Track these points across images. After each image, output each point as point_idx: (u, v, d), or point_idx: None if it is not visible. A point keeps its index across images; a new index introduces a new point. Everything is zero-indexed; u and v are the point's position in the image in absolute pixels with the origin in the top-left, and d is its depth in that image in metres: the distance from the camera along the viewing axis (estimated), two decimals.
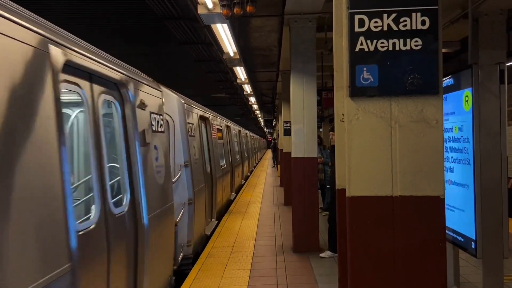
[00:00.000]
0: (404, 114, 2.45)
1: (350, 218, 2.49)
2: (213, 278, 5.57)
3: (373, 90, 2.45)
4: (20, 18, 2.23)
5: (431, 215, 2.45)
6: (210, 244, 7.36)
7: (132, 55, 13.01)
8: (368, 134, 2.48)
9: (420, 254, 2.44)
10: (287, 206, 10.85)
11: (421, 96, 2.43)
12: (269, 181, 18.61)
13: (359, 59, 2.44)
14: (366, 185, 2.48)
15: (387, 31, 2.42)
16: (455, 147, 4.04)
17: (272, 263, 6.20)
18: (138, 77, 4.10)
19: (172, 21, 7.89)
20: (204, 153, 7.94)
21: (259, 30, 7.83)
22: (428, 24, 2.39)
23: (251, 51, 9.37)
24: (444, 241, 2.47)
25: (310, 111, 6.91)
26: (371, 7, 2.42)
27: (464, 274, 5.10)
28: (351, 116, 2.48)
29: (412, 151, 2.45)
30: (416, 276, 2.43)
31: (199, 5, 5.47)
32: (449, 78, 4.10)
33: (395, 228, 2.45)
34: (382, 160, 2.46)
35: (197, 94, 19.86)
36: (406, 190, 2.45)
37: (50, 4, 9.39)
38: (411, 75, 2.42)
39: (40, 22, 2.51)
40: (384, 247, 2.46)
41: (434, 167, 2.44)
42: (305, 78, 6.89)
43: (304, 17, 6.70)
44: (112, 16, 10.48)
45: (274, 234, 8.08)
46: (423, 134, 2.44)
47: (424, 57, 2.40)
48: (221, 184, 9.94)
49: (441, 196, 2.44)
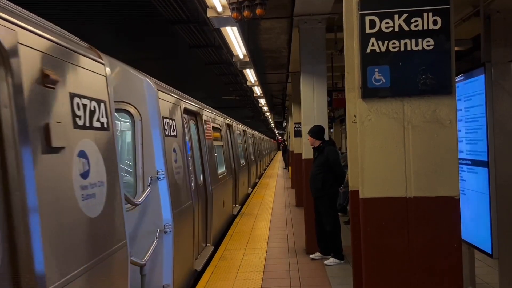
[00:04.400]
0: (417, 114, 2.44)
1: (363, 220, 2.48)
2: (226, 280, 5.58)
3: (385, 91, 2.44)
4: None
5: (446, 216, 2.43)
6: (223, 247, 7.37)
7: (142, 59, 13.13)
8: (380, 135, 2.46)
9: (436, 255, 2.42)
10: (299, 208, 10.83)
11: (434, 96, 2.42)
12: (280, 183, 18.58)
13: (371, 60, 2.43)
14: (379, 187, 2.46)
15: (398, 31, 2.41)
16: None
17: (285, 265, 6.19)
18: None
19: (182, 25, 7.94)
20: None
21: (268, 32, 7.85)
22: (440, 23, 2.37)
23: (260, 53, 9.39)
24: (459, 241, 2.45)
25: (321, 112, 6.90)
26: (382, 8, 2.42)
27: (480, 274, 5.03)
28: (363, 118, 2.47)
29: (426, 152, 2.44)
30: (432, 277, 2.41)
31: (209, 8, 5.50)
32: (461, 76, 4.06)
33: (410, 229, 2.43)
34: (395, 161, 2.45)
35: (208, 97, 19.94)
36: (420, 191, 2.43)
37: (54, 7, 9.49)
38: (423, 75, 2.40)
39: None
40: (399, 248, 2.44)
41: (449, 167, 2.42)
42: (315, 79, 6.88)
43: (313, 18, 6.69)
44: (120, 20, 10.58)
45: (287, 236, 8.07)
46: (437, 134, 2.43)
47: (437, 57, 2.39)
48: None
49: (456, 197, 2.42)
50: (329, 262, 6.13)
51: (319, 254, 6.42)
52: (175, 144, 4.89)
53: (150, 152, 4.30)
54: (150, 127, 4.34)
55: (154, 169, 4.29)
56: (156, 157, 4.33)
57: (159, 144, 4.36)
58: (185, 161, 5.31)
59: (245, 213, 10.75)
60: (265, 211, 11.05)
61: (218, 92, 19.73)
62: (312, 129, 6.34)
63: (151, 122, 4.35)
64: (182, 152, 5.18)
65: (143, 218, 4.22)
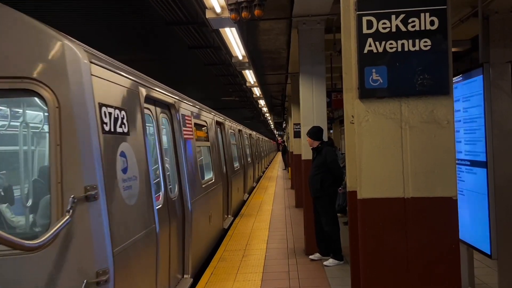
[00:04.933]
0: (415, 115, 2.44)
1: (361, 221, 2.48)
2: (225, 281, 5.58)
3: (382, 92, 2.44)
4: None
5: (444, 216, 2.43)
6: (222, 248, 7.36)
7: (141, 60, 13.13)
8: (378, 135, 2.46)
9: (434, 255, 2.41)
10: (298, 208, 10.82)
11: (431, 97, 2.42)
12: (280, 183, 18.58)
13: (368, 61, 2.43)
14: (377, 187, 2.46)
15: (395, 32, 2.41)
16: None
17: (284, 266, 6.19)
18: None
19: (181, 26, 7.94)
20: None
21: (267, 33, 7.85)
22: (437, 24, 2.38)
23: (260, 54, 9.39)
24: (457, 242, 2.45)
25: (320, 112, 6.90)
26: (379, 9, 2.42)
27: (479, 275, 5.03)
28: (361, 118, 2.47)
29: (424, 152, 2.44)
30: (430, 278, 2.41)
31: (208, 9, 5.50)
32: (459, 77, 4.06)
33: (408, 229, 2.43)
34: (393, 162, 2.45)
35: (207, 98, 19.96)
36: (418, 191, 2.43)
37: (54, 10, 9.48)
38: (420, 76, 2.40)
39: None
40: (397, 249, 2.44)
41: (446, 167, 2.43)
42: (314, 80, 6.89)
43: (312, 19, 6.70)
44: (120, 22, 10.58)
45: (286, 237, 8.06)
46: (435, 134, 2.43)
47: (434, 57, 2.39)
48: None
49: (454, 197, 2.42)
50: (328, 263, 6.13)
51: (318, 255, 6.41)
52: (124, 145, 3.39)
53: (73, 158, 2.85)
54: (74, 119, 2.90)
55: (81, 185, 2.84)
56: (84, 165, 2.87)
57: (91, 145, 2.93)
58: (146, 169, 3.80)
59: (245, 214, 10.75)
60: (264, 211, 11.04)
61: (217, 93, 19.74)
62: (311, 130, 6.34)
63: (75, 110, 2.90)
64: (138, 156, 3.68)
65: (60, 263, 2.76)
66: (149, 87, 4.36)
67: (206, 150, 7.60)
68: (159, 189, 4.57)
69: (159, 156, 4.63)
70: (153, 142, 4.66)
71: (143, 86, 4.16)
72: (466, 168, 4.04)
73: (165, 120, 5.17)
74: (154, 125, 4.64)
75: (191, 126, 6.23)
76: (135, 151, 3.61)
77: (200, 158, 6.93)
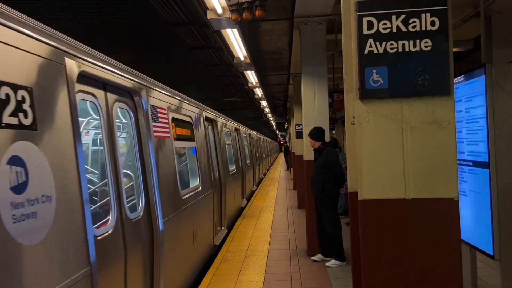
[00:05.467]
0: (416, 115, 2.43)
1: (362, 222, 2.47)
2: (227, 282, 5.57)
3: (383, 92, 2.43)
4: None
5: (445, 218, 2.42)
6: (224, 249, 7.36)
7: (142, 61, 13.15)
8: (379, 136, 2.45)
9: (435, 257, 2.40)
10: (300, 209, 10.81)
11: (432, 97, 2.41)
12: (282, 184, 18.57)
13: (368, 61, 2.42)
14: (378, 188, 2.45)
15: (396, 32, 2.40)
16: None
17: (286, 267, 6.18)
18: None
19: (182, 27, 7.95)
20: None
21: (269, 34, 7.85)
22: (437, 24, 2.37)
23: (261, 54, 9.39)
24: (459, 243, 2.43)
25: (322, 113, 6.89)
26: (379, 9, 2.41)
27: (482, 276, 5.01)
28: (362, 119, 2.46)
29: (425, 153, 2.43)
30: (431, 280, 2.40)
31: (209, 10, 5.50)
32: (462, 77, 4.05)
33: (409, 231, 2.42)
34: (394, 163, 2.44)
35: (209, 99, 19.96)
36: (419, 192, 2.42)
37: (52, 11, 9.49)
38: (421, 76, 2.39)
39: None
40: (398, 250, 2.43)
41: (448, 168, 2.41)
42: (316, 81, 6.88)
43: (314, 19, 6.69)
44: (121, 23, 10.60)
45: (288, 238, 8.05)
46: (436, 135, 2.42)
47: (435, 57, 2.38)
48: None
49: (455, 198, 2.41)
50: (330, 264, 6.12)
51: (320, 256, 6.40)
52: (20, 146, 2.17)
53: None
54: None
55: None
56: None
57: None
58: (74, 182, 2.65)
59: (247, 215, 10.74)
60: (266, 212, 11.03)
61: (219, 93, 19.75)
62: (312, 131, 6.34)
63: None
64: (58, 164, 2.49)
65: None
66: (88, 61, 3.04)
67: (190, 152, 6.31)
68: (106, 210, 3.48)
69: (109, 162, 3.34)
70: (97, 142, 3.72)
71: (75, 58, 2.85)
72: (469, 169, 4.02)
73: (124, 111, 3.93)
74: (102, 118, 3.34)
75: (167, 121, 4.84)
76: (51, 155, 2.42)
77: (181, 162, 5.87)
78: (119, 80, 3.58)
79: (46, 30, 2.65)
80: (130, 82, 3.85)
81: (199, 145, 6.54)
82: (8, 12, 2.31)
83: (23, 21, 2.41)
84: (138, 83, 4.05)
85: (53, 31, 2.74)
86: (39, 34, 2.50)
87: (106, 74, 3.34)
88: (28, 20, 2.50)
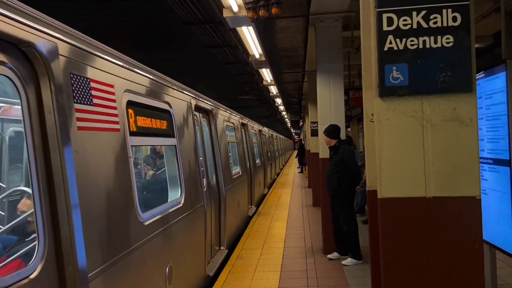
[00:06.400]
0: (437, 113, 2.39)
1: (382, 220, 2.45)
2: (243, 280, 5.59)
3: (403, 90, 2.40)
4: None
5: (467, 216, 2.38)
6: (240, 246, 7.38)
7: (158, 61, 13.22)
8: (399, 134, 2.43)
9: (456, 256, 2.37)
10: (316, 207, 10.78)
11: (454, 94, 2.37)
12: (296, 182, 18.54)
13: (388, 58, 2.40)
14: (398, 186, 2.43)
15: (416, 29, 2.37)
16: None
17: (302, 265, 6.17)
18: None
19: (198, 26, 7.98)
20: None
21: (284, 31, 7.82)
22: (459, 20, 2.33)
23: (276, 52, 9.36)
24: (481, 243, 2.40)
25: (338, 111, 6.85)
26: (399, 5, 2.38)
27: (502, 275, 4.93)
28: (381, 116, 2.44)
29: (446, 151, 2.39)
30: (452, 279, 2.37)
31: (225, 9, 5.51)
32: (481, 73, 3.98)
33: (429, 230, 2.39)
34: (414, 161, 2.41)
35: (224, 97, 20.02)
36: (440, 191, 2.39)
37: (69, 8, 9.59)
38: (442, 73, 2.36)
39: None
40: (418, 249, 2.40)
41: (469, 166, 2.38)
42: (332, 78, 6.84)
43: (329, 16, 6.65)
44: (137, 23, 10.68)
45: (304, 236, 8.03)
46: (457, 133, 2.38)
47: (456, 54, 2.34)
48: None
49: (477, 197, 2.37)
50: (347, 262, 6.08)
51: (336, 254, 6.37)
52: None
53: None
54: None
55: None
56: None
57: None
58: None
59: (262, 213, 10.75)
60: (281, 210, 11.03)
61: (234, 91, 19.78)
62: (328, 128, 6.30)
63: None
64: None
65: None
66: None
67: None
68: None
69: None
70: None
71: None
72: (489, 167, 3.96)
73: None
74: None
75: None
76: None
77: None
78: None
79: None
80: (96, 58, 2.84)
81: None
82: None
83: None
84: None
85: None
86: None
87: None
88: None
